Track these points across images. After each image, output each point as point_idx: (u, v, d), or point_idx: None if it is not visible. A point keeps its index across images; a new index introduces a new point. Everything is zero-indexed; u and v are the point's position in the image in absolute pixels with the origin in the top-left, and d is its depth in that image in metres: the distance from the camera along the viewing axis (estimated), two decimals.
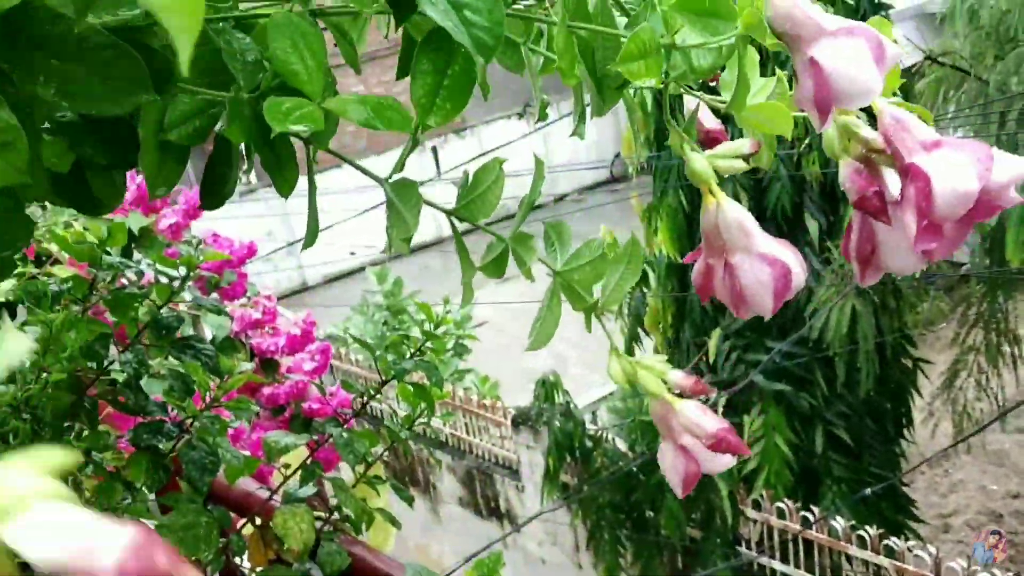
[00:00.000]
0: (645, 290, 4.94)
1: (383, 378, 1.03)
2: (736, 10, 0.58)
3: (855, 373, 4.43)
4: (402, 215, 0.63)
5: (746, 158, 0.69)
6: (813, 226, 4.51)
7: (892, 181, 0.55)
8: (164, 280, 0.99)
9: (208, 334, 1.48)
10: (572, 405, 5.07)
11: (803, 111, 0.53)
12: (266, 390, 1.94)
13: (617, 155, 12.51)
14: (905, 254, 0.55)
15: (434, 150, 12.17)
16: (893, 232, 0.55)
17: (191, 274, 0.96)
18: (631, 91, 0.81)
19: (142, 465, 0.85)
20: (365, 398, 1.07)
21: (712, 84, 0.78)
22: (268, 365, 2.01)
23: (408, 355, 1.02)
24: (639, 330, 5.13)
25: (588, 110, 0.88)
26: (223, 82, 0.54)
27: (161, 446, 0.86)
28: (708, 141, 0.72)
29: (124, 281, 1.27)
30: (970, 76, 5.28)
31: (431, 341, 1.02)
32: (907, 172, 0.52)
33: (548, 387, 5.08)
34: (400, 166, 0.65)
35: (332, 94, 0.57)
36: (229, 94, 0.53)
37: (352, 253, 10.87)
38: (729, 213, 0.61)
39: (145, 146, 0.52)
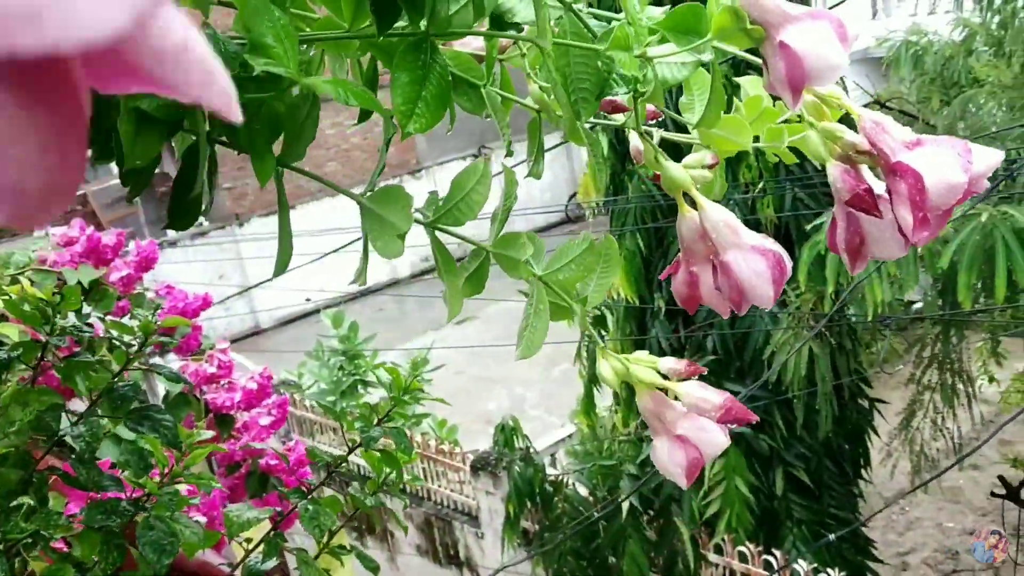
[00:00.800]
0: (603, 333, 4.94)
1: (349, 445, 0.99)
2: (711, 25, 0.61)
3: (814, 414, 4.45)
4: (386, 221, 0.64)
5: (709, 167, 0.72)
6: None
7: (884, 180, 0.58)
8: (118, 343, 0.95)
9: (159, 388, 1.42)
10: (532, 450, 5.02)
11: (774, 93, 0.57)
12: (225, 447, 1.88)
13: (572, 196, 12.60)
14: (892, 243, 0.59)
15: None
16: (879, 224, 0.59)
17: (148, 340, 0.92)
18: (590, 129, 0.83)
19: (95, 545, 0.80)
20: (330, 468, 1.03)
21: (651, 123, 0.80)
22: (223, 421, 1.94)
23: (375, 421, 0.98)
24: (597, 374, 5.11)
25: (543, 151, 0.89)
26: None
27: (115, 526, 0.81)
28: (654, 178, 0.74)
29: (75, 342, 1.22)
30: (918, 120, 5.40)
31: (399, 406, 0.98)
32: (894, 170, 0.56)
33: (508, 432, 5.03)
34: (372, 184, 0.67)
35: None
36: None
37: (308, 299, 10.77)
38: (714, 214, 0.63)
39: (123, 116, 0.53)
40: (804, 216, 4.12)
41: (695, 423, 0.60)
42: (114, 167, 0.65)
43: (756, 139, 0.76)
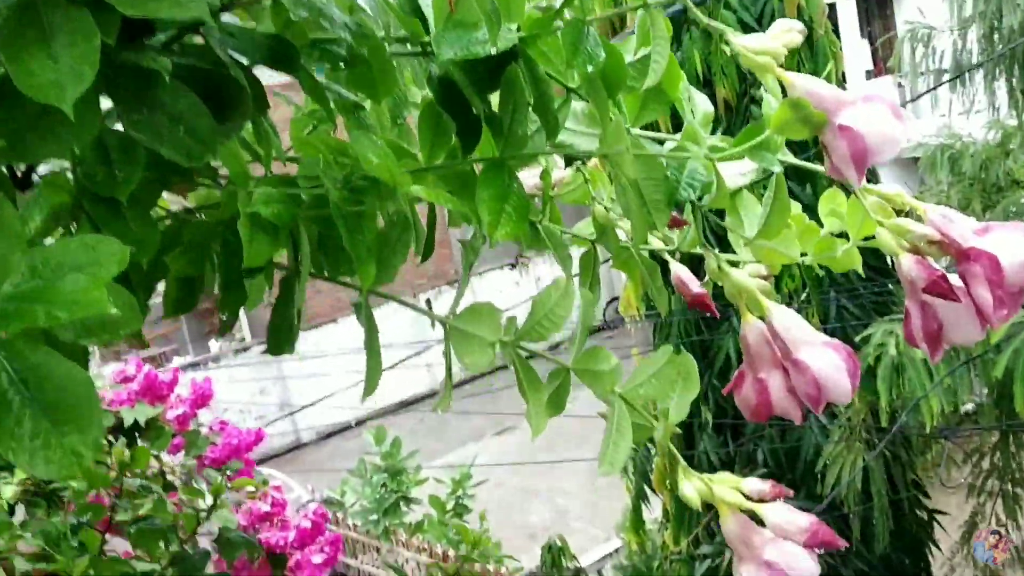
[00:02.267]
0: (651, 447, 4.85)
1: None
2: (778, 142, 0.65)
3: (871, 528, 4.30)
4: (474, 336, 0.69)
5: (765, 278, 0.73)
6: None
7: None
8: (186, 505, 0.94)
9: (214, 526, 1.41)
10: (581, 570, 4.89)
11: (837, 176, 0.59)
12: None
13: (610, 302, 12.59)
14: (969, 326, 0.60)
15: (428, 302, 12.22)
16: (955, 309, 0.60)
17: (219, 501, 0.91)
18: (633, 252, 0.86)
19: None
20: None
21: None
22: (276, 560, 1.92)
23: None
24: (645, 488, 5.01)
25: (598, 280, 0.92)
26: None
27: None
28: (695, 304, 0.77)
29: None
30: None
31: (468, 561, 0.96)
32: (968, 255, 0.58)
33: (555, 552, 4.92)
34: (457, 301, 0.72)
35: None
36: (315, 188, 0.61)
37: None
38: (782, 316, 0.64)
39: (243, 223, 0.58)
40: (851, 327, 4.07)
41: (783, 549, 0.59)
42: (159, 284, 0.69)
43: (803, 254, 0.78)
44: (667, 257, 0.85)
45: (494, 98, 0.65)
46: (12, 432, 0.38)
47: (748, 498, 0.62)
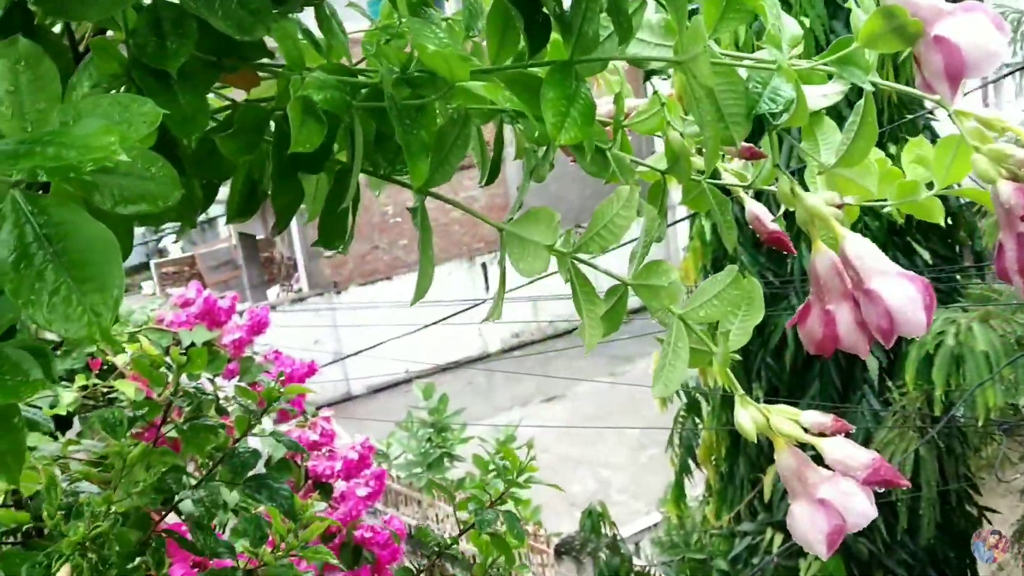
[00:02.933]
0: (698, 421, 4.83)
1: (461, 527, 0.97)
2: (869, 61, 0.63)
3: (917, 519, 4.23)
4: (528, 241, 0.67)
5: (839, 207, 0.69)
6: (873, 364, 4.40)
7: None
8: (242, 406, 0.95)
9: (262, 450, 1.44)
10: (619, 538, 4.90)
11: (928, 91, 0.56)
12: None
13: None
14: None
15: (483, 266, 12.27)
16: None
17: (271, 406, 0.92)
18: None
19: None
20: (440, 549, 1.01)
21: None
22: (322, 489, 1.94)
23: (488, 503, 0.96)
24: (690, 462, 4.99)
25: (666, 215, 0.89)
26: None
27: None
28: (771, 241, 0.74)
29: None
30: None
31: (513, 488, 0.96)
32: None
33: (595, 518, 4.93)
34: (513, 210, 0.71)
35: None
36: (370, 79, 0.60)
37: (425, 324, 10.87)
38: (856, 243, 0.61)
39: (292, 105, 0.57)
40: None
41: (840, 487, 0.57)
42: (221, 231, 0.68)
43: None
44: (741, 193, 0.83)
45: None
46: (32, 286, 0.38)
47: (807, 431, 0.60)
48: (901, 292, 0.58)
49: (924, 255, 4.24)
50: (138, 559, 0.81)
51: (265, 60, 0.65)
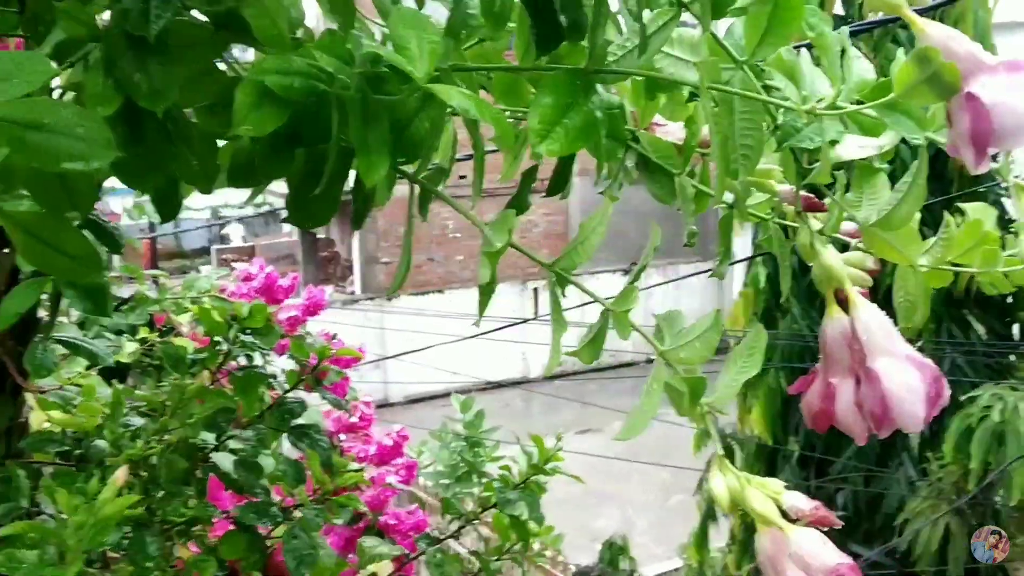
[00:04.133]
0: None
1: (483, 505, 1.02)
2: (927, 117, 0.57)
3: None
4: (490, 240, 0.63)
5: (870, 273, 0.67)
6: (914, 433, 4.34)
7: None
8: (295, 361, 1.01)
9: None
10: (636, 574, 4.88)
11: (955, 154, 0.50)
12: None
13: None
14: None
15: (535, 291, 12.31)
16: None
17: (321, 365, 0.98)
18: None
19: (240, 545, 0.85)
20: (463, 521, 1.05)
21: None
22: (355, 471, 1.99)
23: (513, 485, 1.00)
24: (716, 510, 4.95)
25: (731, 251, 0.86)
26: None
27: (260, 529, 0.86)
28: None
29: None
30: None
31: (538, 474, 1.00)
32: None
33: (615, 550, 4.91)
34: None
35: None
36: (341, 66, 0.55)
37: (474, 324, 10.90)
38: (868, 314, 0.57)
39: (244, 85, 0.53)
40: (960, 384, 3.94)
41: None
42: (284, 225, 0.68)
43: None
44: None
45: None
46: None
47: (783, 514, 0.54)
48: (902, 379, 0.53)
49: (979, 329, 4.18)
50: (184, 486, 0.86)
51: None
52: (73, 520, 0.58)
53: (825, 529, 0.54)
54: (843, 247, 0.74)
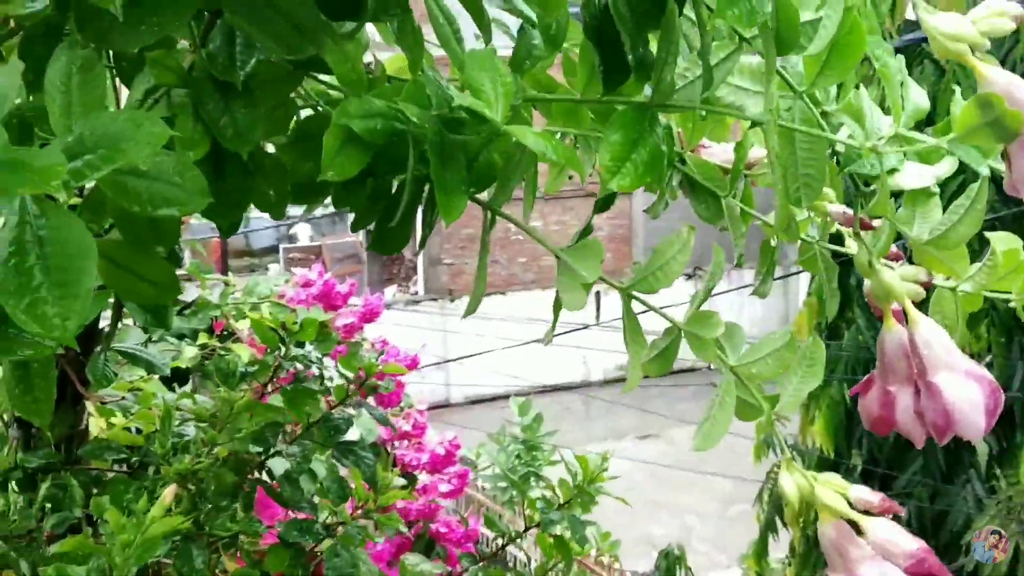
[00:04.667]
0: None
1: (526, 524, 1.02)
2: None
3: None
4: (576, 273, 0.65)
5: (924, 287, 0.69)
6: (982, 449, 4.23)
7: None
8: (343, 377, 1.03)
9: (353, 435, 1.51)
10: None
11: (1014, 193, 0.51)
12: (399, 504, 1.94)
13: None
14: None
15: (597, 296, 12.27)
16: None
17: (369, 379, 0.99)
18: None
19: (284, 559, 0.86)
20: (505, 540, 1.06)
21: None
22: (406, 479, 2.01)
23: (556, 506, 1.00)
24: (777, 521, 4.88)
25: (772, 272, 0.86)
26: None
27: (306, 544, 0.88)
28: (881, 318, 0.69)
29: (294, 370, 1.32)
30: None
31: (582, 496, 1.00)
32: None
33: (671, 560, 4.87)
34: (583, 235, 0.68)
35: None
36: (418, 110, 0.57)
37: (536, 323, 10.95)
38: (927, 329, 0.59)
39: (331, 130, 0.55)
40: None
41: (880, 568, 0.55)
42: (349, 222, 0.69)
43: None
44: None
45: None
46: (18, 282, 0.39)
47: (852, 506, 0.58)
48: (963, 393, 0.56)
49: None
50: (231, 499, 0.88)
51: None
52: (121, 538, 0.60)
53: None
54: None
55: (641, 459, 8.99)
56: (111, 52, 0.57)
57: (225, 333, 1.72)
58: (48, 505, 0.83)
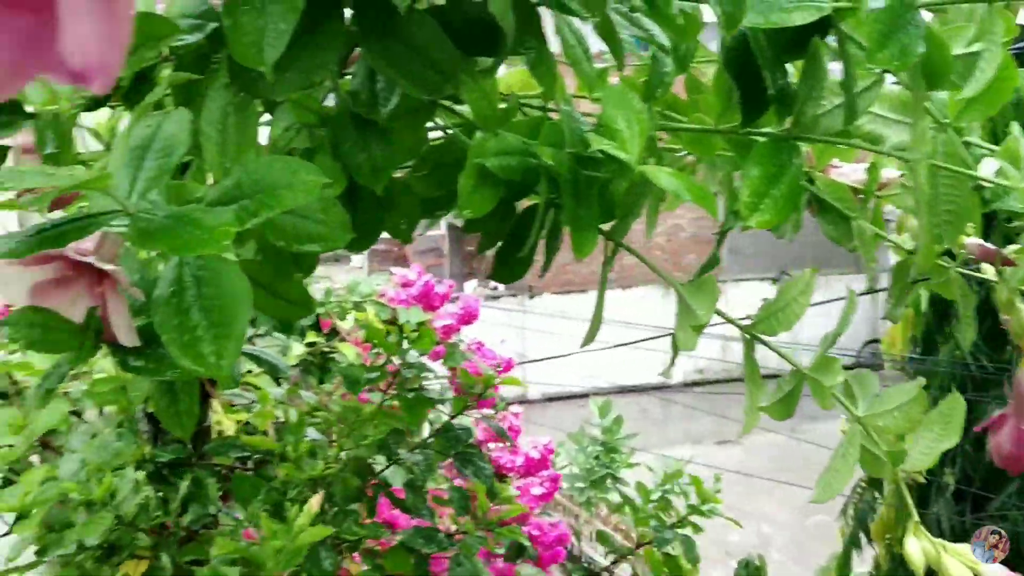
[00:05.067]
0: (877, 495, 4.61)
1: (638, 541, 1.02)
2: None
3: None
4: (691, 311, 0.64)
5: None
6: None
7: None
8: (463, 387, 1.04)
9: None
10: None
11: None
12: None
13: (867, 343, 11.95)
14: None
15: (679, 297, 12.11)
16: None
17: (486, 392, 1.01)
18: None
19: (405, 564, 0.88)
20: (620, 556, 1.06)
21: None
22: (500, 481, 2.03)
23: (669, 524, 1.01)
24: (861, 536, 4.78)
25: (906, 295, 0.85)
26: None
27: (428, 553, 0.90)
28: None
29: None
30: None
31: (696, 515, 1.00)
32: None
33: (751, 570, 4.80)
34: (705, 268, 0.67)
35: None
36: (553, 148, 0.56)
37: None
38: None
39: (467, 169, 0.55)
40: None
41: None
42: None
43: None
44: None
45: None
46: (176, 321, 0.41)
47: None
48: None
49: None
50: (355, 504, 0.90)
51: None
52: (272, 544, 0.62)
53: None
54: None
55: (718, 465, 8.88)
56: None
57: (330, 332, 1.76)
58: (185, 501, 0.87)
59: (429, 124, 0.64)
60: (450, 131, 0.67)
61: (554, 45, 0.62)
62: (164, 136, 0.43)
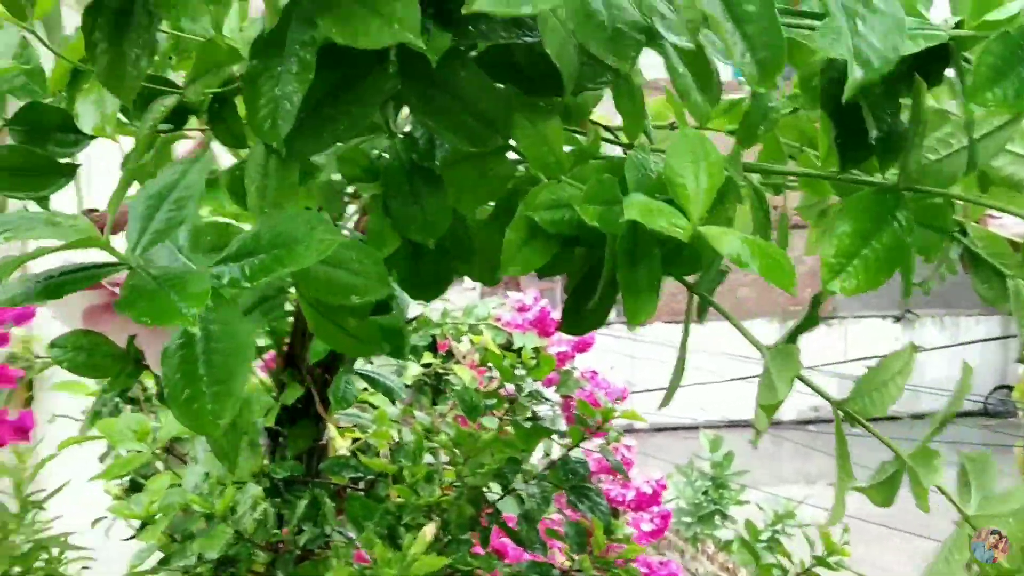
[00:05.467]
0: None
1: None
2: None
3: None
4: (773, 382, 0.57)
5: None
6: None
7: None
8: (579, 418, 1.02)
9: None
10: None
11: None
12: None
13: (996, 388, 11.38)
14: None
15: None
16: None
17: (606, 423, 0.98)
18: None
19: None
20: None
21: None
22: (611, 512, 1.99)
23: (794, 574, 0.96)
24: None
25: None
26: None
27: None
28: None
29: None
30: None
31: (820, 566, 0.95)
32: None
33: None
34: (792, 337, 0.61)
35: None
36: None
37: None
38: None
39: (514, 222, 0.51)
40: None
41: None
42: None
43: None
44: None
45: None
46: (181, 374, 0.39)
47: None
48: None
49: None
50: (469, 533, 0.89)
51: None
52: (386, 572, 0.61)
53: None
54: None
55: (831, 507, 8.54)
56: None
57: (446, 354, 1.76)
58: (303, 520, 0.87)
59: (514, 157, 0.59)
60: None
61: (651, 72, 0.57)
62: (185, 185, 0.42)
